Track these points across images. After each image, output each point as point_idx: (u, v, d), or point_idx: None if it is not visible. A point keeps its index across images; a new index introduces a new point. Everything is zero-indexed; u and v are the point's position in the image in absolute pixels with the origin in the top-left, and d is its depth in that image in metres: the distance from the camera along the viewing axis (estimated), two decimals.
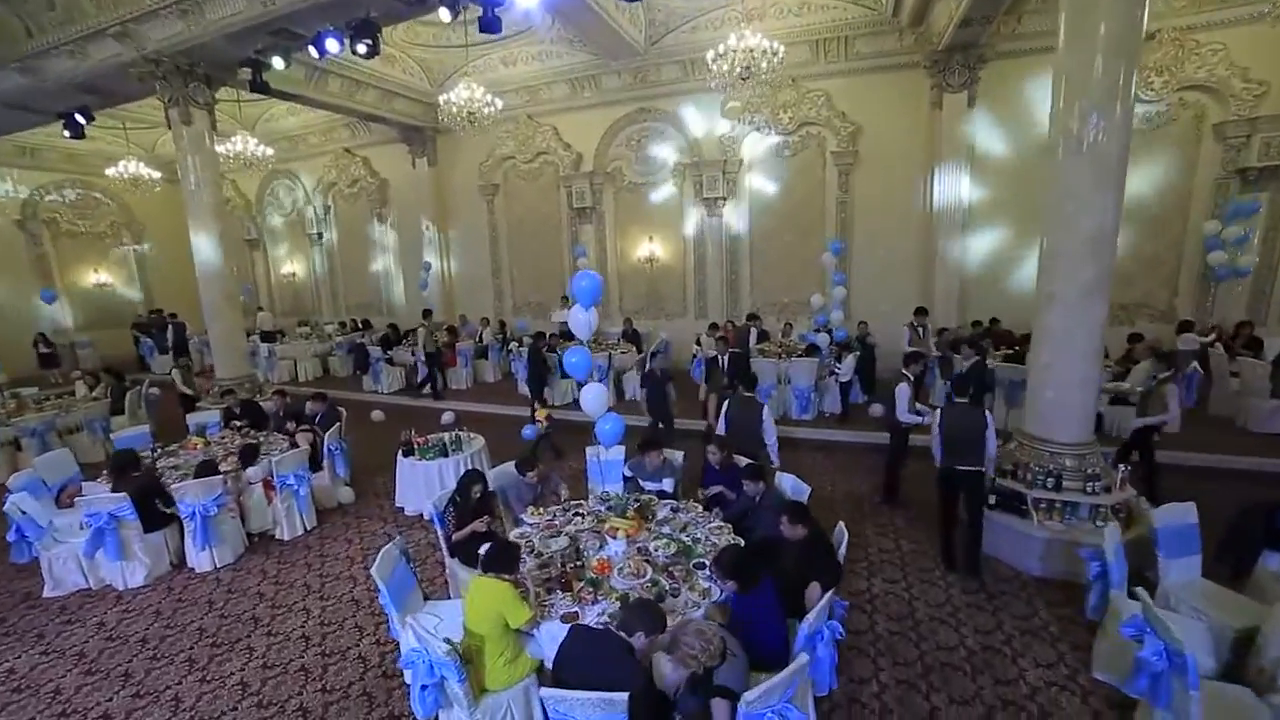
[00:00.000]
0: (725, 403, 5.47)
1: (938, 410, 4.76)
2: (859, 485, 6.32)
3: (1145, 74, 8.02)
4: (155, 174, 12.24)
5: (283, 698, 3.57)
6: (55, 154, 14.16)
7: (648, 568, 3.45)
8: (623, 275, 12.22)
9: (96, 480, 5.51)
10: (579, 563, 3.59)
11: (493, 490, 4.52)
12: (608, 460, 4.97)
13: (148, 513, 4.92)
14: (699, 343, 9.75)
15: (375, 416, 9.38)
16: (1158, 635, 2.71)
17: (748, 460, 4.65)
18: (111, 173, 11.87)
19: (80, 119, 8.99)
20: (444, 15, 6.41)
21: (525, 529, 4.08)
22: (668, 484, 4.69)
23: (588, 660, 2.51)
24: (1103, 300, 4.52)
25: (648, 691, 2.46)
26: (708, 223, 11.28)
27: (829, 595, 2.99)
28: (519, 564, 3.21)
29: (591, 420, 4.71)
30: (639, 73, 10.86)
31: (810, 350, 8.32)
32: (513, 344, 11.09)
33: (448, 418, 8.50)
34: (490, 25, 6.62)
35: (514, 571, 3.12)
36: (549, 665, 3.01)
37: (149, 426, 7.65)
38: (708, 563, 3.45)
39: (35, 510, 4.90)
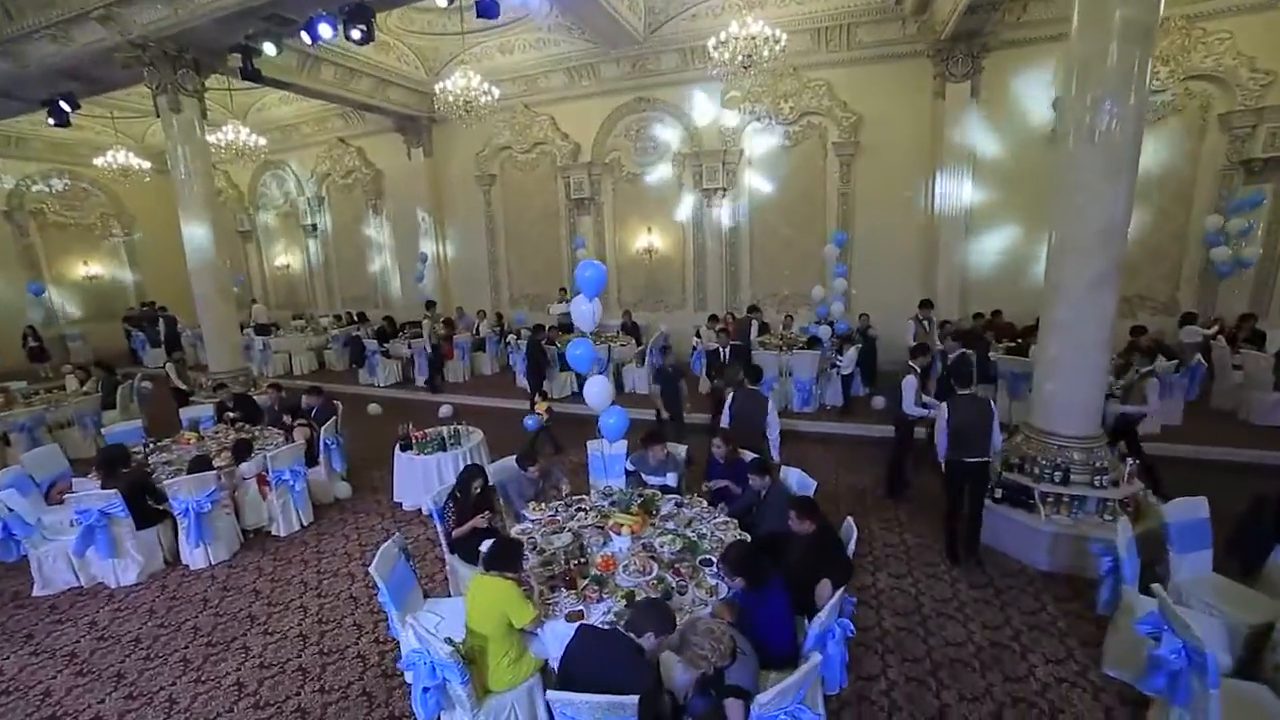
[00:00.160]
0: (730, 395, 5.40)
1: (944, 403, 4.70)
2: (861, 478, 6.28)
3: (1151, 63, 7.92)
4: (145, 164, 11.97)
5: (280, 698, 3.50)
6: (41, 143, 13.86)
7: (653, 564, 3.38)
8: (621, 267, 12.08)
9: (87, 476, 5.39)
10: (583, 559, 3.52)
11: (492, 485, 4.45)
12: (611, 454, 4.88)
13: (140, 509, 4.82)
14: (699, 335, 9.67)
15: (372, 410, 9.28)
16: (1176, 633, 2.65)
17: (753, 455, 4.59)
18: (100, 163, 11.59)
19: (65, 107, 8.77)
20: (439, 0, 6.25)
21: (527, 525, 4.00)
22: (671, 478, 4.62)
23: (596, 662, 2.44)
24: (1112, 292, 4.47)
25: (658, 694, 2.39)
26: (707, 214, 11.15)
27: (840, 593, 2.93)
28: (522, 561, 3.14)
29: (590, 413, 4.62)
30: (638, 61, 10.70)
31: (812, 343, 8.26)
32: (511, 337, 10.99)
33: (445, 411, 8.43)
34: (488, 9, 6.48)
35: (517, 569, 3.06)
36: (553, 665, 2.95)
37: (141, 421, 7.53)
38: (714, 559, 3.39)
39: (23, 507, 4.79)
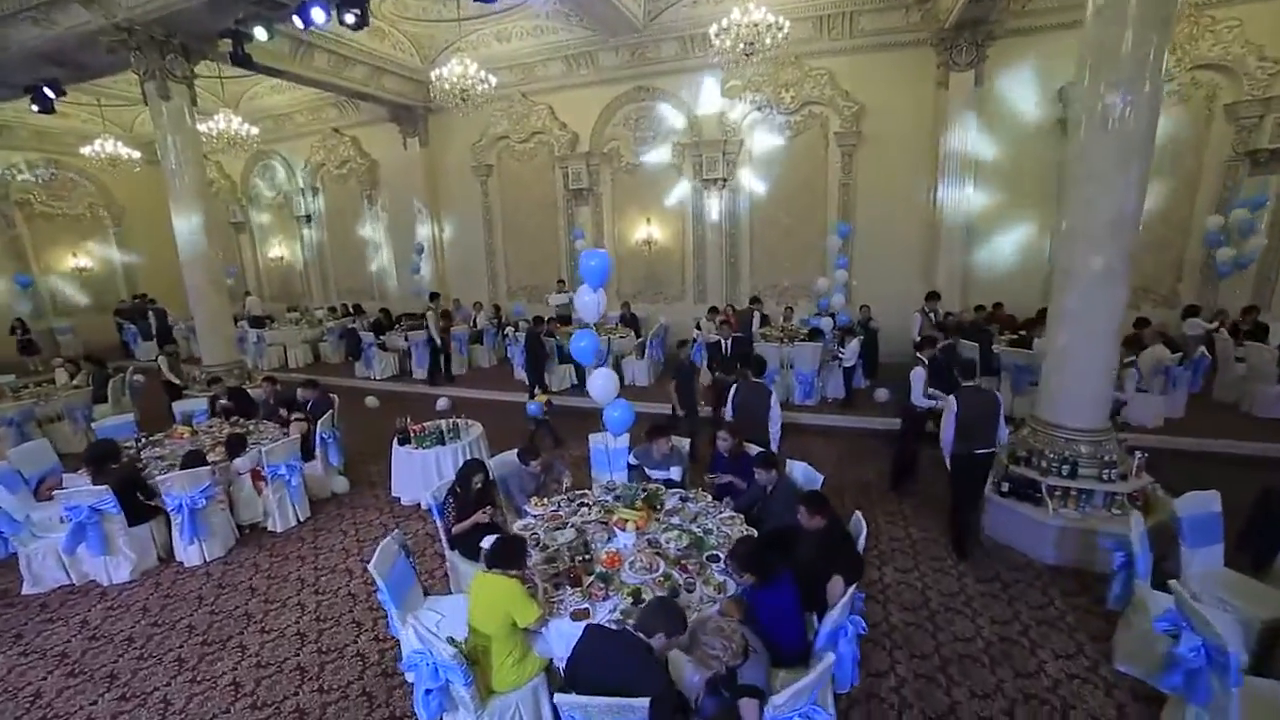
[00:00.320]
0: (733, 387, 5.32)
1: (952, 396, 4.63)
2: (865, 471, 6.22)
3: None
4: (134, 154, 11.69)
5: (278, 698, 3.42)
6: (27, 131, 13.51)
7: (659, 561, 3.31)
8: (620, 258, 11.91)
9: (78, 472, 5.26)
10: (587, 556, 3.44)
11: (493, 479, 4.36)
12: (615, 448, 4.80)
13: (131, 505, 4.71)
14: (699, 327, 9.58)
15: (369, 403, 9.16)
16: (1195, 630, 2.60)
17: (759, 448, 4.51)
18: (87, 151, 11.32)
19: (49, 93, 8.51)
20: None
21: (529, 520, 3.93)
22: (675, 472, 4.54)
23: (605, 663, 2.37)
24: (1123, 282, 4.40)
25: (669, 695, 2.32)
26: (707, 204, 11.01)
27: (852, 590, 2.86)
28: (525, 558, 3.06)
29: (590, 406, 4.52)
30: (637, 49, 10.51)
31: (813, 334, 8.18)
32: (509, 329, 10.87)
33: (443, 404, 8.33)
34: None
35: (520, 567, 2.98)
36: (558, 664, 2.88)
37: (133, 415, 7.39)
38: (721, 555, 3.32)
39: (11, 504, 4.70)
